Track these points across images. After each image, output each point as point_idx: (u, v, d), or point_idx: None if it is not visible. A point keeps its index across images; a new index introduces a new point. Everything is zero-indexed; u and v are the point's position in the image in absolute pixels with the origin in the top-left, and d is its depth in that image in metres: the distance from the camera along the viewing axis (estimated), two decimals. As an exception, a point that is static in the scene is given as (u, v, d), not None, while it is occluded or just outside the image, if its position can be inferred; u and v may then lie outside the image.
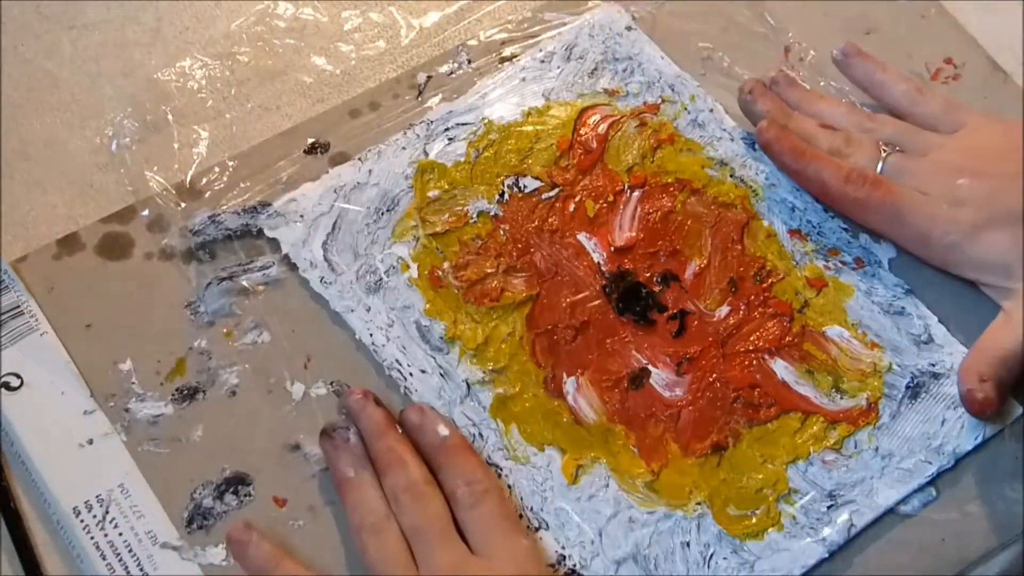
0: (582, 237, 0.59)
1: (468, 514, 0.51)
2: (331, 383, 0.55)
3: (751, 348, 0.57)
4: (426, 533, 0.50)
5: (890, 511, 0.53)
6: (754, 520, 0.53)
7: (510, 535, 0.50)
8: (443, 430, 0.52)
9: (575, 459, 0.54)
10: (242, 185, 0.59)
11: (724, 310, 0.58)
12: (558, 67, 0.64)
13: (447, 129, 0.61)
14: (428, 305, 0.57)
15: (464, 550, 0.50)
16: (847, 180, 0.58)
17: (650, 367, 0.56)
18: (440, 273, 0.58)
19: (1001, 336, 0.55)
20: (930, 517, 0.53)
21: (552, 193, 0.60)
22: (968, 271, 0.58)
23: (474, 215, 0.59)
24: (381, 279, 0.57)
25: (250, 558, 0.50)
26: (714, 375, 0.56)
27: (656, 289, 0.58)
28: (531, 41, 0.65)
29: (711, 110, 0.63)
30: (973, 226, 0.57)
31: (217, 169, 0.60)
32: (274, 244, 0.58)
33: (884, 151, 0.59)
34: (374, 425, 0.52)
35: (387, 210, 0.59)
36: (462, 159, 0.61)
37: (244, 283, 0.57)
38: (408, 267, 0.58)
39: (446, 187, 0.60)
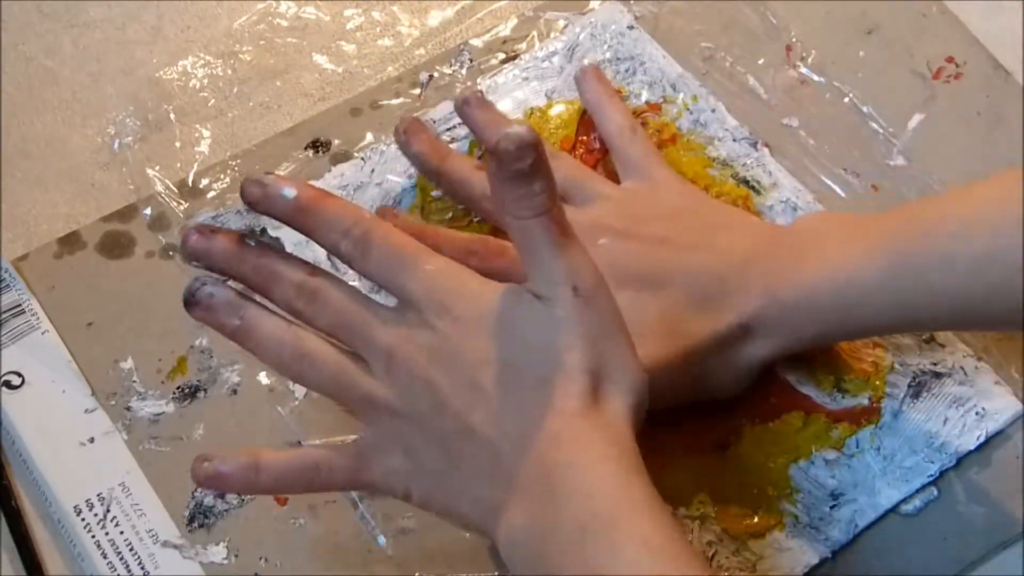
0: (584, 236, 0.59)
1: (365, 265, 0.44)
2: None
3: (753, 347, 0.57)
4: (348, 324, 0.44)
5: (892, 510, 0.53)
6: (756, 519, 0.53)
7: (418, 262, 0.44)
8: (289, 191, 0.44)
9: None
10: (244, 184, 0.59)
11: (726, 309, 0.58)
12: (560, 66, 0.63)
13: (449, 128, 0.61)
14: (430, 304, 0.56)
15: (394, 314, 0.44)
16: (469, 254, 0.53)
17: (652, 366, 0.56)
18: (442, 272, 0.57)
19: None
20: (932, 516, 0.53)
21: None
22: None
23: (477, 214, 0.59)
24: (383, 278, 0.57)
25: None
26: (716, 374, 0.56)
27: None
28: (533, 40, 0.65)
29: (713, 110, 0.63)
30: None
31: (219, 168, 0.60)
32: (276, 243, 0.58)
33: None
34: (224, 254, 0.45)
35: (389, 209, 0.59)
36: (464, 158, 0.61)
37: (246, 282, 0.57)
38: (410, 266, 0.57)
39: (448, 186, 0.60)
